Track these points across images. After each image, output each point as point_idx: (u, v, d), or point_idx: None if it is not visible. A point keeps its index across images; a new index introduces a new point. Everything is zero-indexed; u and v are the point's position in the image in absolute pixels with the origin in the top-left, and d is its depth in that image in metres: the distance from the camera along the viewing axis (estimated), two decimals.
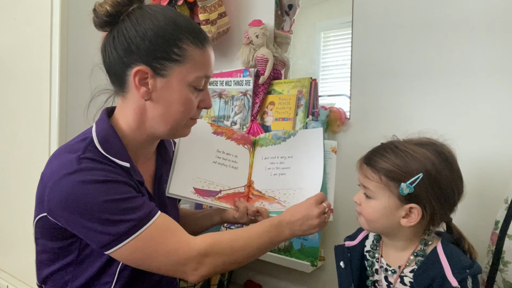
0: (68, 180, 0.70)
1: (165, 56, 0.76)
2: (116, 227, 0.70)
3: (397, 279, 0.80)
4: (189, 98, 0.80)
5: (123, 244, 0.70)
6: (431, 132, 0.81)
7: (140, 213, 0.72)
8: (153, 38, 0.75)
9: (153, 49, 0.76)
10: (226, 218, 0.99)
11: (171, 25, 0.77)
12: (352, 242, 0.91)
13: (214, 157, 1.00)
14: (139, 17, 0.77)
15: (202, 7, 1.36)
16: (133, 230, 0.71)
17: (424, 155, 0.75)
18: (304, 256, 1.24)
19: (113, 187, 0.72)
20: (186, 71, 0.78)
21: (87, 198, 0.69)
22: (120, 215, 0.70)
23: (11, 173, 1.37)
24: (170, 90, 0.78)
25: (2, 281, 1.37)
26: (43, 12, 1.17)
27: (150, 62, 0.76)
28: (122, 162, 0.77)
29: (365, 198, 0.81)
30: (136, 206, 0.72)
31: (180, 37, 0.77)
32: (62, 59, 1.14)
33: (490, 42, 1.01)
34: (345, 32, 1.28)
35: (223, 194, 0.97)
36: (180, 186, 0.93)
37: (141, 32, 0.75)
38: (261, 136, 1.09)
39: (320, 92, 1.32)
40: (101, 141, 0.77)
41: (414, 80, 1.12)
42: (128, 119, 0.81)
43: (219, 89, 1.45)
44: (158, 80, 0.77)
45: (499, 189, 0.94)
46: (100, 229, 0.70)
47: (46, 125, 1.17)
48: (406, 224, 0.76)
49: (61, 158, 0.75)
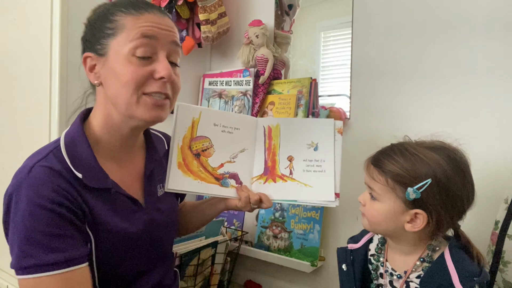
0: (14, 189, 0.70)
1: (101, 35, 0.76)
2: (30, 259, 0.66)
3: (403, 284, 0.78)
4: (132, 70, 0.73)
5: (26, 277, 0.66)
6: (444, 136, 0.78)
7: (58, 256, 0.67)
8: (93, 23, 0.78)
9: (92, 32, 0.77)
10: (230, 205, 0.97)
11: (108, 5, 0.79)
12: (355, 244, 0.89)
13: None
14: (92, 16, 0.80)
15: (202, 7, 1.36)
16: (42, 269, 0.66)
17: (435, 159, 0.72)
18: (304, 256, 1.24)
19: (46, 216, 0.67)
20: (121, 41, 0.74)
21: (21, 216, 0.67)
22: (38, 249, 0.66)
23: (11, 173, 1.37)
24: (110, 66, 0.75)
25: (2, 281, 1.37)
26: (43, 12, 1.17)
27: (93, 46, 0.77)
28: (76, 171, 0.73)
29: (370, 199, 0.79)
30: (59, 247, 0.67)
31: (112, 11, 0.77)
32: (62, 59, 1.14)
33: (491, 41, 1.01)
34: (345, 32, 1.27)
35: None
36: (178, 180, 0.92)
37: (88, 24, 0.79)
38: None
39: (320, 92, 1.32)
40: (67, 144, 0.76)
41: (414, 80, 1.12)
42: (98, 115, 0.80)
43: (219, 89, 1.45)
44: (101, 61, 0.76)
45: (499, 189, 0.94)
46: (17, 251, 0.67)
47: (46, 125, 1.17)
48: (411, 229, 0.74)
49: (27, 161, 0.75)
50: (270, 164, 1.00)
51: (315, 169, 0.98)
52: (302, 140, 1.01)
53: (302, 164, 0.99)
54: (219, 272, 1.29)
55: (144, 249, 0.83)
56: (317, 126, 1.01)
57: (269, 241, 1.33)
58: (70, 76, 1.16)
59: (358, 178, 0.89)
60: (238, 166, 0.99)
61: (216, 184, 0.95)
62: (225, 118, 1.01)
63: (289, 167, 0.99)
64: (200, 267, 1.18)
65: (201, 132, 0.97)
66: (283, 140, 1.01)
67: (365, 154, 0.84)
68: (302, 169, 0.98)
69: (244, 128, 1.02)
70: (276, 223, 1.32)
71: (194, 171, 0.95)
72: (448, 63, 1.06)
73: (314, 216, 1.26)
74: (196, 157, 0.96)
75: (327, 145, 0.99)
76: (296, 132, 1.02)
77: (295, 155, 1.00)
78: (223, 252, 1.28)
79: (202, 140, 0.97)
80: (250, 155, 1.01)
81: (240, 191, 0.94)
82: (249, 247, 1.36)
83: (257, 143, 1.02)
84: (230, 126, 1.00)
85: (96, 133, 0.80)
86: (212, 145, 0.98)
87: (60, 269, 0.67)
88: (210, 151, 0.98)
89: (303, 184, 0.97)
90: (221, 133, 0.99)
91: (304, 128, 1.02)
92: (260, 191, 0.96)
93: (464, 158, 0.75)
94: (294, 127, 1.02)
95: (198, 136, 0.97)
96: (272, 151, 1.01)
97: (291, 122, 1.05)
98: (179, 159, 0.94)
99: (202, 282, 1.22)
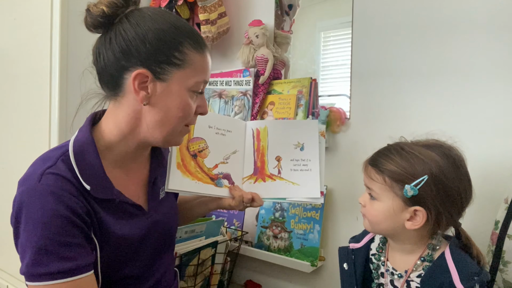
0: (24, 196, 0.70)
1: (166, 60, 0.74)
2: (40, 266, 0.67)
3: (404, 283, 0.79)
4: (188, 103, 0.78)
5: (36, 284, 0.68)
6: (439, 134, 0.79)
7: (69, 265, 0.68)
8: (154, 41, 0.73)
9: (153, 52, 0.73)
10: (222, 205, 1.00)
11: (172, 28, 0.75)
12: (357, 244, 0.90)
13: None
14: (139, 19, 0.74)
15: (202, 7, 1.36)
16: (53, 277, 0.67)
17: (430, 157, 0.73)
18: (304, 256, 1.24)
19: (57, 224, 0.68)
20: (186, 75, 0.76)
21: (33, 224, 0.68)
22: (50, 257, 0.67)
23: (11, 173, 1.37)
24: (169, 95, 0.76)
25: (2, 281, 1.37)
26: (43, 12, 1.17)
27: (150, 65, 0.74)
28: (84, 183, 0.73)
29: (370, 200, 0.80)
30: (69, 256, 0.68)
31: (181, 41, 0.75)
32: (62, 59, 1.14)
33: (491, 41, 1.01)
34: (345, 32, 1.27)
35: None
36: (178, 180, 0.93)
37: (142, 35, 0.73)
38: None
39: (320, 92, 1.32)
40: (76, 151, 0.75)
41: (414, 80, 1.12)
42: (120, 123, 0.78)
43: (219, 89, 1.45)
44: (158, 85, 0.75)
45: (499, 189, 0.94)
46: (27, 258, 0.68)
47: (46, 125, 1.17)
48: (411, 227, 0.75)
49: (33, 166, 0.74)
50: (259, 164, 1.04)
51: (301, 168, 1.02)
52: (289, 141, 1.05)
53: (289, 164, 1.03)
54: (219, 272, 1.29)
55: (147, 251, 0.84)
56: (303, 127, 1.07)
57: (269, 241, 1.33)
58: (70, 76, 1.16)
59: (358, 178, 0.89)
60: (230, 166, 1.03)
61: (212, 184, 0.98)
62: (219, 121, 1.05)
63: (277, 167, 1.04)
64: (200, 267, 1.18)
65: (197, 134, 1.00)
66: (271, 142, 1.06)
67: (365, 154, 0.84)
68: (289, 168, 1.03)
69: (235, 130, 1.06)
70: (276, 223, 1.32)
71: (192, 172, 0.97)
72: (448, 63, 1.06)
73: (314, 216, 1.26)
74: (193, 158, 0.98)
75: (312, 145, 1.04)
76: (283, 134, 1.07)
77: (282, 155, 1.04)
78: (223, 252, 1.28)
79: (199, 141, 1.00)
80: (240, 156, 1.05)
81: (233, 191, 0.98)
82: (249, 247, 1.36)
83: (247, 145, 1.07)
84: (223, 128, 1.04)
85: (107, 140, 0.79)
86: (208, 146, 1.01)
87: (71, 277, 0.68)
88: (206, 152, 1.00)
89: (290, 182, 1.01)
90: (215, 135, 1.03)
91: (290, 130, 1.07)
92: (251, 190, 0.99)
93: (459, 154, 0.76)
94: (281, 129, 1.08)
95: (194, 137, 1.00)
96: (261, 152, 1.06)
97: (278, 124, 1.10)
98: (178, 159, 0.96)
99: (202, 282, 1.22)
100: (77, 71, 1.17)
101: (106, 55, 0.75)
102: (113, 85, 0.77)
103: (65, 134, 1.19)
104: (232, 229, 1.41)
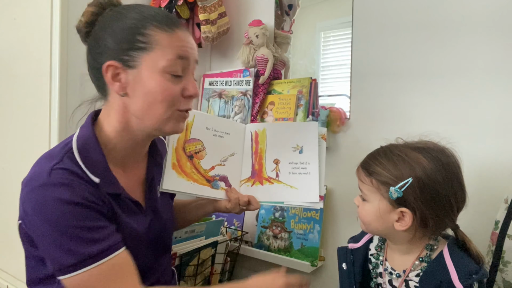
0: (37, 193, 0.69)
1: (131, 47, 0.74)
2: (71, 256, 0.67)
3: (402, 283, 0.79)
4: (166, 86, 0.76)
5: (72, 275, 0.67)
6: (433, 135, 0.79)
7: (99, 247, 0.68)
8: (118, 31, 0.75)
9: (118, 42, 0.74)
10: (219, 208, 1.00)
11: (136, 15, 0.76)
12: (355, 244, 0.91)
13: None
14: (108, 19, 0.77)
15: (202, 7, 1.36)
16: (86, 263, 0.67)
17: (417, 159, 0.74)
18: (304, 256, 1.24)
19: (77, 211, 0.69)
20: (157, 57, 0.75)
21: (52, 217, 0.67)
22: (78, 244, 0.67)
23: (11, 173, 1.37)
24: (143, 79, 0.75)
25: (2, 281, 1.37)
26: (43, 12, 1.17)
27: (118, 55, 0.75)
28: (92, 176, 0.74)
29: (362, 201, 0.82)
30: (97, 238, 0.69)
31: (143, 24, 0.75)
32: (62, 59, 1.14)
33: (491, 42, 1.01)
34: (345, 32, 1.27)
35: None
36: (173, 180, 0.93)
37: (109, 30, 0.75)
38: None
39: (320, 92, 1.32)
40: (80, 148, 0.75)
41: (414, 80, 1.12)
42: (112, 121, 0.79)
43: (219, 89, 1.45)
44: (130, 72, 0.75)
45: (499, 189, 0.94)
46: (56, 253, 0.68)
47: (46, 125, 1.17)
48: (399, 228, 0.76)
49: (38, 165, 0.74)
50: (257, 167, 1.03)
51: (300, 171, 1.01)
52: (288, 143, 1.04)
53: (288, 167, 1.02)
54: (219, 272, 1.29)
55: (148, 248, 0.85)
56: (302, 130, 1.05)
57: (269, 241, 1.33)
58: (70, 76, 1.16)
59: None
60: (228, 169, 1.02)
61: (207, 186, 0.98)
62: (217, 123, 1.04)
63: (275, 170, 1.03)
64: (200, 267, 1.18)
65: (194, 135, 1.00)
66: (270, 144, 1.05)
67: (365, 154, 0.84)
68: (288, 171, 1.02)
69: (234, 133, 1.06)
70: (276, 223, 1.32)
71: (187, 172, 0.97)
72: (448, 63, 1.06)
73: (314, 216, 1.26)
74: (189, 159, 0.98)
75: (312, 147, 1.02)
76: (281, 136, 1.05)
77: (281, 158, 1.03)
78: (223, 252, 1.28)
79: (195, 143, 1.00)
80: (238, 159, 1.04)
81: (229, 193, 0.98)
82: (249, 247, 1.36)
83: (245, 148, 1.06)
84: (221, 130, 1.04)
85: (108, 138, 0.80)
86: (204, 147, 1.01)
87: (105, 257, 0.69)
88: (202, 154, 1.00)
89: (289, 186, 1.00)
90: (213, 137, 1.02)
91: (289, 132, 1.06)
92: (248, 193, 0.99)
93: (450, 156, 0.76)
94: (280, 131, 1.06)
95: (191, 138, 1.00)
96: (259, 154, 1.05)
97: (277, 126, 1.09)
98: (173, 160, 0.96)
99: (202, 282, 1.22)
100: (77, 71, 1.17)
101: (88, 60, 0.80)
102: (99, 87, 0.80)
103: (65, 134, 1.18)
104: (232, 229, 1.41)
